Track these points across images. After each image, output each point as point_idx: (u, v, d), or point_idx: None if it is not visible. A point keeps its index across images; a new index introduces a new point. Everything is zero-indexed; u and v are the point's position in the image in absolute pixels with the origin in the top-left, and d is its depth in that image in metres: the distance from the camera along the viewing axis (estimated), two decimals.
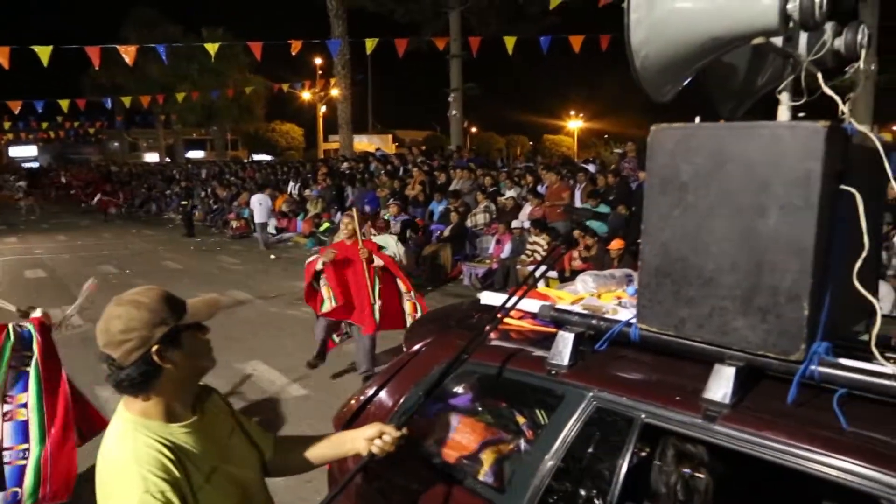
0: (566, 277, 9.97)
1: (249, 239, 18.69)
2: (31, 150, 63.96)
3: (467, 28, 21.75)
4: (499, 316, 2.28)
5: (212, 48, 15.48)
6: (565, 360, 2.08)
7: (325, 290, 5.96)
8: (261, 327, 8.89)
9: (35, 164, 58.05)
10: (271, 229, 18.67)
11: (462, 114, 23.16)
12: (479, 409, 2.59)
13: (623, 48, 1.80)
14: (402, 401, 2.44)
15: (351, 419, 2.68)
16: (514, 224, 11.38)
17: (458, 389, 2.55)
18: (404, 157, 19.99)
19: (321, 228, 16.55)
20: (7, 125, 42.79)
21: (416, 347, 2.66)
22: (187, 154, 51.16)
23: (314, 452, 1.98)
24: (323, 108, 40.15)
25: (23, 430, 3.70)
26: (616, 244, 9.01)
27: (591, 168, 13.85)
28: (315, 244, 16.40)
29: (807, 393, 1.70)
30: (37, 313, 3.94)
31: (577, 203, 11.50)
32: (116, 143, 57.59)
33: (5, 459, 3.63)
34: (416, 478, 2.37)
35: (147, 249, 17.02)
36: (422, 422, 2.48)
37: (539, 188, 12.34)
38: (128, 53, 15.75)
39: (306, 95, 38.06)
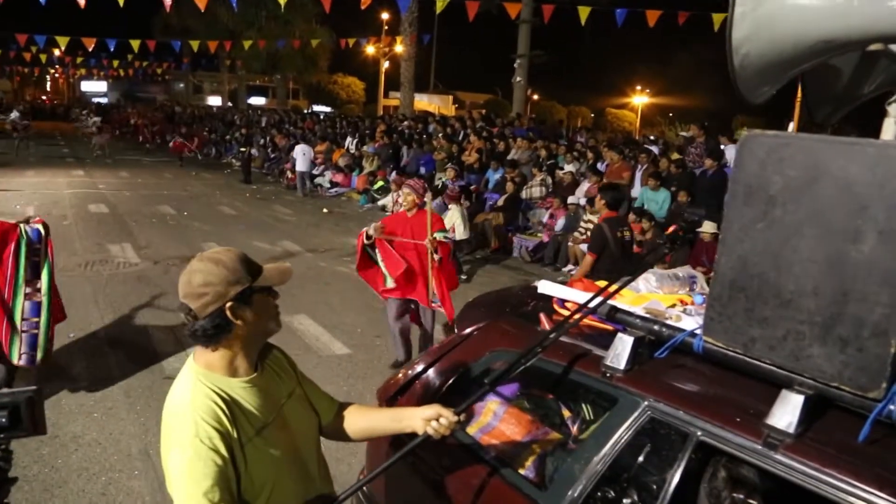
0: None
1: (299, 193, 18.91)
2: (101, 86, 65.92)
3: None
4: (578, 315, 2.21)
5: None
6: (622, 364, 2.01)
7: (382, 266, 5.64)
8: (309, 281, 9.00)
9: (105, 100, 59.77)
10: (326, 182, 18.84)
11: (526, 81, 22.72)
12: (526, 398, 2.55)
13: (699, 27, 1.68)
14: (449, 382, 2.42)
15: (396, 394, 2.67)
16: (570, 200, 11.18)
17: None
18: (464, 120, 19.78)
19: (375, 186, 16.60)
20: (79, 60, 44.04)
21: (469, 330, 2.62)
22: (249, 100, 51.70)
23: (372, 424, 2.04)
24: (386, 64, 40.01)
25: (37, 308, 4.75)
26: (673, 230, 8.77)
27: (655, 149, 13.44)
28: (368, 201, 16.50)
29: (879, 432, 1.60)
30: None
31: (637, 184, 11.20)
32: (182, 85, 58.58)
33: (23, 328, 4.68)
34: (452, 459, 2.35)
35: (204, 193, 17.37)
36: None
37: (599, 165, 12.06)
38: None
39: (370, 50, 37.91)
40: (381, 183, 16.41)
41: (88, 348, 6.18)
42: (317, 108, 49.32)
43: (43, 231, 4.77)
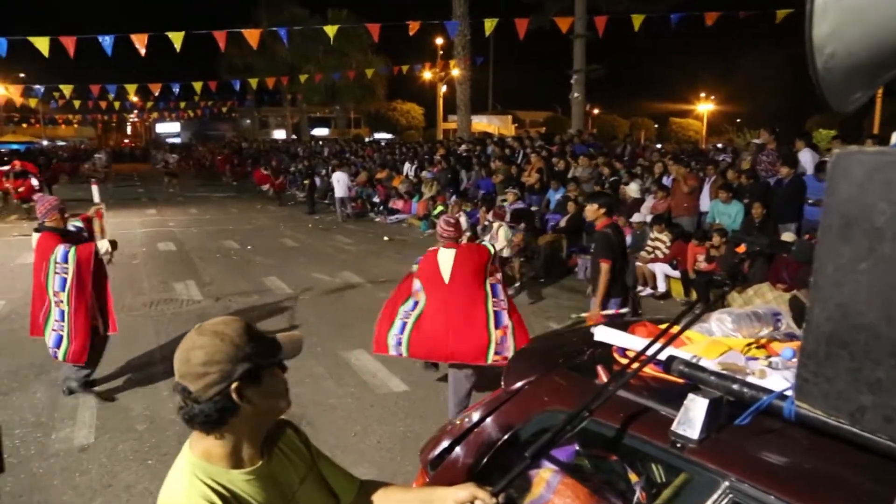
0: (690, 280, 9.24)
1: (365, 219, 18.97)
2: (174, 127, 69.21)
3: (593, 7, 20.78)
4: (631, 369, 1.89)
5: (331, 30, 15.67)
6: (695, 433, 1.67)
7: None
8: (368, 314, 8.77)
9: (178, 140, 62.50)
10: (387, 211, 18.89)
11: (584, 96, 22.26)
12: (584, 462, 2.22)
13: (762, 25, 1.35)
14: (491, 452, 2.12)
15: (436, 460, 2.39)
16: (635, 217, 10.69)
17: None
18: (522, 140, 19.49)
19: (435, 211, 16.47)
20: (149, 105, 46.26)
21: (517, 385, 2.32)
22: (312, 131, 52.97)
23: None
24: (443, 88, 40.19)
25: (62, 314, 5.65)
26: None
27: (725, 157, 12.78)
28: (428, 227, 16.38)
29: None
30: (98, 243, 5.82)
31: (706, 198, 10.61)
32: (248, 121, 60.66)
33: (53, 328, 5.68)
34: None
35: (268, 226, 17.63)
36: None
37: (664, 180, 11.53)
38: (251, 37, 16.23)
39: (427, 75, 38.20)
40: (440, 208, 16.26)
41: (147, 391, 6.16)
42: (378, 135, 50.05)
43: (72, 255, 5.56)
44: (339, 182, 18.75)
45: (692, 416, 1.69)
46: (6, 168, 20.36)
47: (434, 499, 1.69)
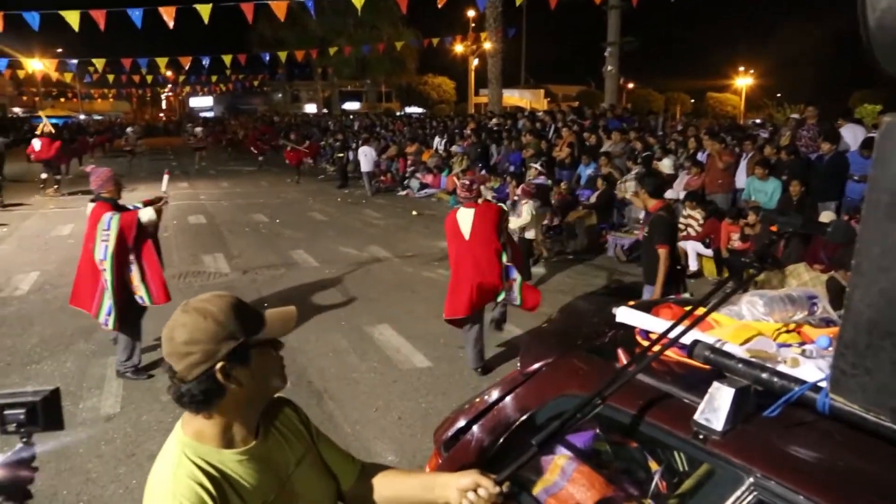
0: (722, 259, 9.00)
1: (394, 194, 18.90)
2: (207, 101, 69.75)
3: None
4: (651, 352, 1.78)
5: (358, 2, 15.39)
6: (719, 424, 1.55)
7: None
8: (394, 289, 8.81)
9: (211, 114, 63.00)
10: (416, 184, 18.75)
11: (618, 69, 21.74)
12: (603, 447, 2.12)
13: None
14: (503, 437, 2.03)
15: (453, 438, 2.32)
16: (668, 194, 10.42)
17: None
18: (553, 114, 19.15)
19: None
20: (181, 79, 46.60)
21: (534, 367, 2.22)
22: (343, 105, 52.88)
23: (399, 492, 1.71)
24: (475, 62, 39.70)
25: (107, 283, 5.66)
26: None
27: (764, 134, 12.37)
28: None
29: None
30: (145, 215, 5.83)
31: (742, 175, 10.29)
32: (280, 95, 60.76)
33: (107, 297, 5.69)
34: None
35: (298, 199, 17.67)
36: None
37: (699, 156, 11.22)
38: (279, 9, 16.09)
39: (459, 48, 37.75)
40: None
41: None
42: (409, 109, 49.78)
43: (115, 224, 5.60)
44: (366, 156, 18.73)
45: (716, 406, 1.58)
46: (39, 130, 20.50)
47: (436, 485, 1.62)
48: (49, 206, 16.23)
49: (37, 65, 31.37)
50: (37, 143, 18.23)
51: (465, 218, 5.78)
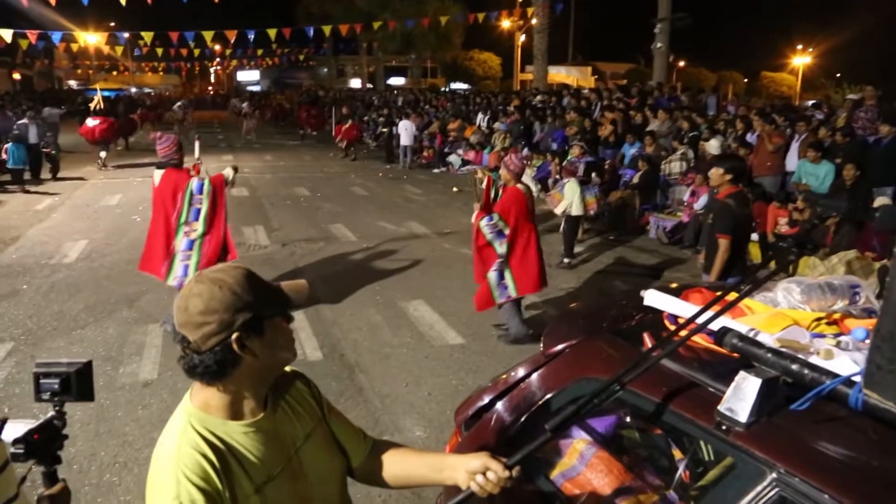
0: (768, 244, 8.73)
1: (439, 170, 18.84)
2: (254, 75, 70.47)
3: None
4: (676, 338, 1.71)
5: None
6: (744, 416, 1.48)
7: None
8: (431, 265, 8.80)
9: (257, 88, 63.67)
10: (457, 160, 18.65)
11: (668, 47, 21.10)
12: (627, 433, 2.07)
13: None
14: (523, 419, 1.99)
15: (473, 416, 2.29)
16: None
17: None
18: (599, 92, 18.76)
19: None
20: (228, 52, 47.11)
21: (557, 348, 2.16)
22: (388, 80, 52.77)
23: (409, 472, 1.69)
24: (522, 38, 39.09)
25: (191, 244, 6.08)
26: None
27: (819, 115, 11.88)
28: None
29: None
30: (228, 174, 6.33)
31: (793, 157, 9.92)
32: (325, 69, 60.88)
33: (180, 258, 6.09)
34: None
35: (340, 173, 17.77)
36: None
37: (748, 137, 10.85)
38: None
39: (505, 24, 37.21)
40: None
41: None
42: (454, 85, 49.40)
43: (207, 186, 6.04)
44: (406, 130, 19.11)
45: (742, 396, 1.51)
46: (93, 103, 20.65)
47: (445, 465, 1.59)
48: (99, 177, 16.65)
49: (91, 38, 32.09)
50: (90, 122, 18.22)
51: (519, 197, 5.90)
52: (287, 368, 1.62)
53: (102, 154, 18.15)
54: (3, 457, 1.46)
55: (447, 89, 41.39)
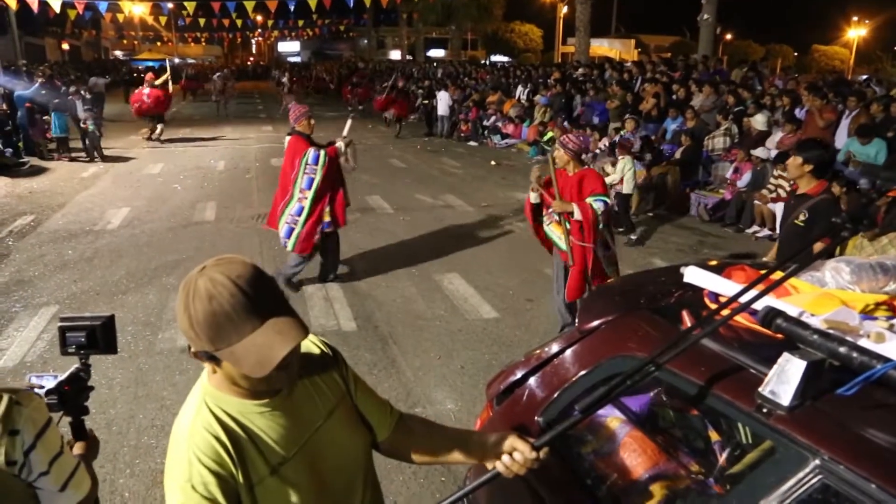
0: None
1: (475, 143, 18.69)
2: (294, 46, 70.63)
3: None
4: (717, 317, 1.65)
5: None
6: (787, 399, 1.42)
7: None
8: (467, 238, 8.76)
9: (298, 59, 63.82)
10: (497, 136, 18.48)
11: (715, 18, 20.41)
12: (663, 412, 2.02)
13: None
14: (556, 396, 1.95)
15: (502, 395, 2.26)
16: (758, 151, 9.84)
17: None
18: (642, 65, 18.30)
19: (545, 137, 15.95)
20: (270, 23, 47.22)
21: (593, 324, 2.11)
22: (428, 52, 52.35)
23: (436, 447, 1.68)
24: (564, 9, 38.30)
25: (300, 210, 6.33)
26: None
27: (876, 88, 11.38)
28: (537, 153, 15.90)
29: None
30: (339, 143, 6.48)
31: (843, 134, 9.55)
32: (365, 41, 60.63)
33: (286, 220, 6.37)
34: (558, 484, 1.89)
35: (378, 145, 17.75)
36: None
37: (797, 112, 10.47)
38: None
39: None
40: (550, 134, 15.71)
41: None
42: (494, 58, 48.78)
43: (323, 157, 6.20)
44: (442, 101, 19.77)
45: (785, 379, 1.44)
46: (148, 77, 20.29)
47: (472, 443, 1.58)
48: (142, 146, 16.94)
49: (136, 9, 32.44)
50: (146, 94, 17.14)
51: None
52: (316, 342, 1.58)
53: (159, 126, 17.82)
54: (46, 414, 1.48)
55: (487, 62, 40.91)
